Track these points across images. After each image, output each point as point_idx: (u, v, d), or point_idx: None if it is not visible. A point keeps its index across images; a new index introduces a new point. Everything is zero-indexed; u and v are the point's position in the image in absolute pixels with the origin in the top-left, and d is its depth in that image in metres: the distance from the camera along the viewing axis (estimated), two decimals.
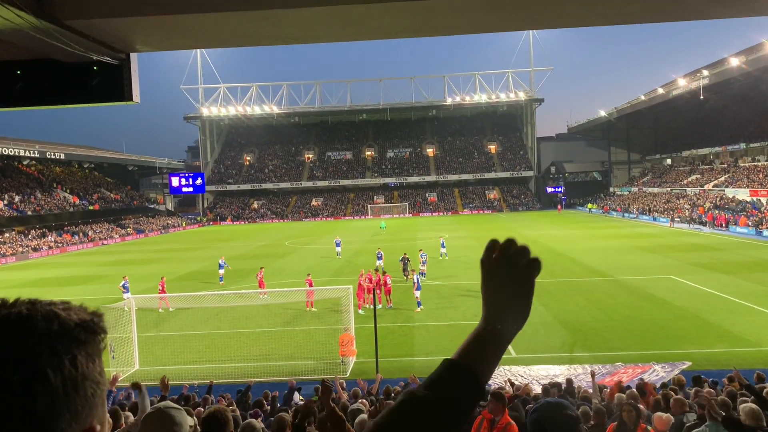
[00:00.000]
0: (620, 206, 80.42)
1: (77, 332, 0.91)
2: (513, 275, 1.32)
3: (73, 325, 0.91)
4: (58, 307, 0.93)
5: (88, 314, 0.96)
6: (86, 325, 0.93)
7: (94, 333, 0.94)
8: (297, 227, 79.31)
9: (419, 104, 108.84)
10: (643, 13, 5.50)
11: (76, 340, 0.90)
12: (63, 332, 0.90)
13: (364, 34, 5.54)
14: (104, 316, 0.99)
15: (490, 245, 1.38)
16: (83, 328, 0.92)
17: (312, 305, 24.31)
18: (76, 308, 0.96)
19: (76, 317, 0.93)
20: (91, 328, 0.94)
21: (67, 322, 0.91)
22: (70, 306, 0.96)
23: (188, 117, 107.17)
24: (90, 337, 0.93)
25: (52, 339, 0.88)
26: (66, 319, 0.91)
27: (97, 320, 0.96)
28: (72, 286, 33.82)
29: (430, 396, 1.20)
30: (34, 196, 73.71)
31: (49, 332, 0.88)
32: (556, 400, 2.94)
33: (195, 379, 15.86)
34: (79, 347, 0.90)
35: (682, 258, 35.15)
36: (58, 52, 4.95)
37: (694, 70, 68.57)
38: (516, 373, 15.66)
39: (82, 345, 0.91)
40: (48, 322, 0.89)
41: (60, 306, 0.94)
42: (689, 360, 15.98)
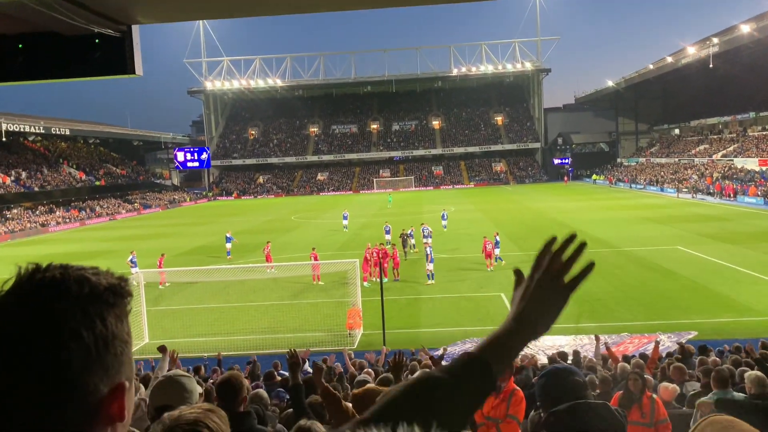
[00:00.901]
0: (627, 177, 79.99)
1: (106, 295, 0.97)
2: (557, 288, 1.39)
3: (103, 288, 0.97)
4: (88, 272, 1.00)
5: (116, 279, 1.02)
6: (114, 288, 0.99)
7: (122, 296, 1.00)
8: (303, 201, 79.40)
9: (424, 75, 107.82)
10: None
11: (105, 302, 0.96)
12: (94, 295, 0.96)
13: (368, 2, 5.46)
14: (127, 281, 1.04)
15: (544, 251, 1.45)
16: (112, 292, 0.98)
17: (318, 279, 24.44)
18: (104, 273, 1.02)
19: (105, 281, 0.99)
20: (118, 291, 1.00)
21: (97, 286, 0.97)
22: (98, 271, 1.02)
23: (192, 91, 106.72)
24: (118, 300, 0.99)
25: (84, 301, 0.94)
26: (96, 282, 0.97)
27: (124, 284, 1.02)
28: (80, 261, 33.34)
29: (447, 379, 1.24)
30: (41, 172, 73.95)
31: (81, 294, 0.95)
32: (563, 366, 2.96)
33: (204, 351, 16.06)
34: (108, 308, 0.96)
35: (690, 228, 35.05)
36: (60, 24, 4.90)
37: (704, 38, 67.49)
38: None
39: (111, 307, 0.97)
40: (80, 286, 0.95)
41: (90, 270, 1.01)
42: (696, 330, 16.03)
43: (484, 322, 18.12)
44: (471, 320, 18.47)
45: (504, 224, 39.98)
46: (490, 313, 19.27)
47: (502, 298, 20.67)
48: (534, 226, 39.06)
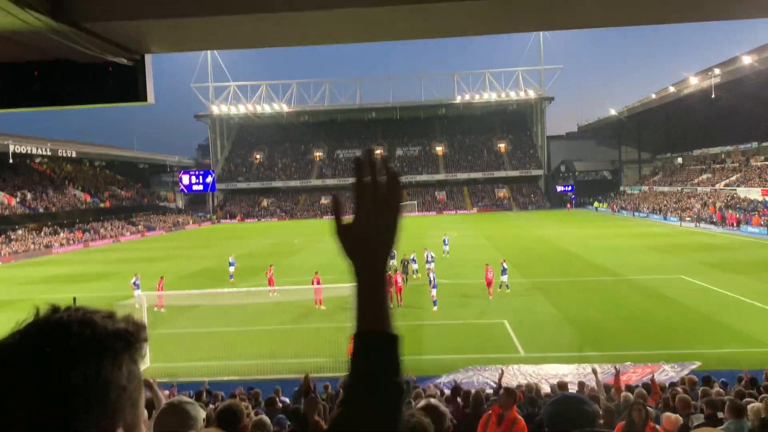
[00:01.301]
0: (630, 205, 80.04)
1: (108, 341, 0.97)
2: (384, 213, 1.33)
3: (106, 334, 0.97)
4: (98, 316, 1.00)
5: (125, 324, 1.01)
6: (121, 334, 0.99)
7: (128, 342, 0.99)
8: (306, 225, 79.48)
9: (428, 102, 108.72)
10: (656, 14, 5.51)
11: (105, 347, 0.96)
12: (94, 339, 0.95)
13: (374, 36, 5.60)
14: (144, 328, 1.04)
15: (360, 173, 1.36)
16: (116, 337, 0.98)
17: (321, 303, 24.40)
18: (117, 318, 1.02)
19: (112, 327, 0.99)
20: (124, 337, 0.99)
21: (101, 331, 0.97)
22: (112, 315, 1.02)
23: (199, 115, 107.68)
24: (121, 346, 0.98)
25: (81, 345, 0.94)
26: (101, 327, 0.97)
27: (133, 330, 1.01)
28: (83, 283, 34.12)
29: (355, 383, 1.23)
30: (46, 194, 74.34)
31: (81, 338, 0.94)
32: (573, 394, 2.98)
33: (206, 376, 15.99)
34: (107, 354, 0.96)
35: (693, 257, 34.97)
36: (75, 53, 5.03)
37: (706, 68, 68.07)
38: (525, 372, 15.69)
39: (111, 352, 0.96)
40: (82, 329, 0.96)
41: (101, 314, 1.01)
42: (700, 360, 15.93)
43: (486, 350, 18.04)
44: (474, 347, 18.39)
45: (507, 251, 39.93)
46: (493, 340, 19.18)
47: (505, 325, 20.60)
48: (537, 253, 39.04)
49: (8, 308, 26.17)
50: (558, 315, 22.00)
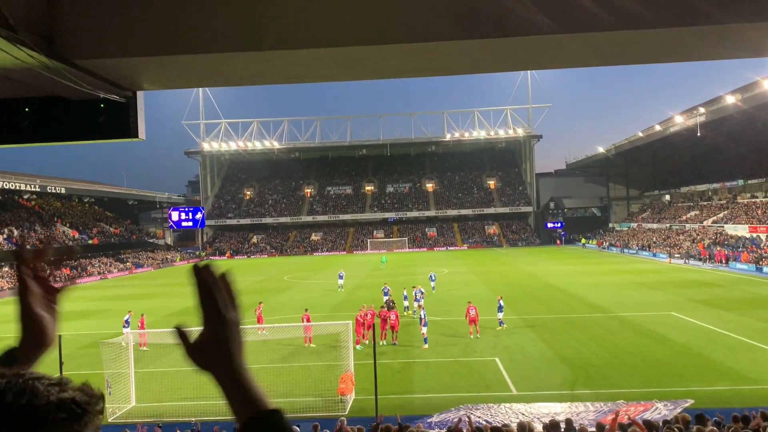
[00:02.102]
0: (620, 242, 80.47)
1: (48, 413, 0.89)
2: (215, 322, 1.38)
3: (46, 404, 0.89)
4: (43, 383, 0.92)
5: (76, 393, 0.94)
6: (64, 405, 0.91)
7: (73, 414, 0.91)
8: (296, 262, 79.16)
9: (419, 140, 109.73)
10: (643, 55, 5.63)
11: (41, 420, 0.88)
12: (30, 411, 0.88)
13: (365, 74, 5.67)
14: (97, 400, 0.96)
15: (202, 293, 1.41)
16: (58, 409, 0.90)
17: (310, 341, 24.13)
18: (68, 386, 0.94)
19: (55, 396, 0.91)
20: (68, 409, 0.91)
21: (41, 401, 0.89)
22: (62, 383, 0.94)
23: (189, 152, 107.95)
24: (62, 418, 0.90)
25: (11, 417, 0.87)
26: (43, 396, 0.90)
27: (82, 400, 0.93)
28: (69, 321, 33.60)
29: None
30: (34, 230, 73.72)
31: (13, 409, 0.87)
32: None
33: (192, 416, 15.68)
34: (43, 426, 0.88)
35: (683, 294, 35.04)
36: (66, 89, 5.06)
37: (691, 107, 69.38)
38: (517, 410, 15.49)
39: (48, 426, 0.88)
40: (17, 397, 0.88)
41: (47, 382, 0.93)
42: (692, 397, 15.80)
43: (477, 388, 17.84)
44: (465, 385, 18.18)
45: (497, 287, 39.87)
46: (484, 377, 18.98)
47: (497, 363, 20.42)
48: (528, 290, 38.99)
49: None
50: (549, 352, 21.85)
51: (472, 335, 24.53)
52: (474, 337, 24.42)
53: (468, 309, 24.83)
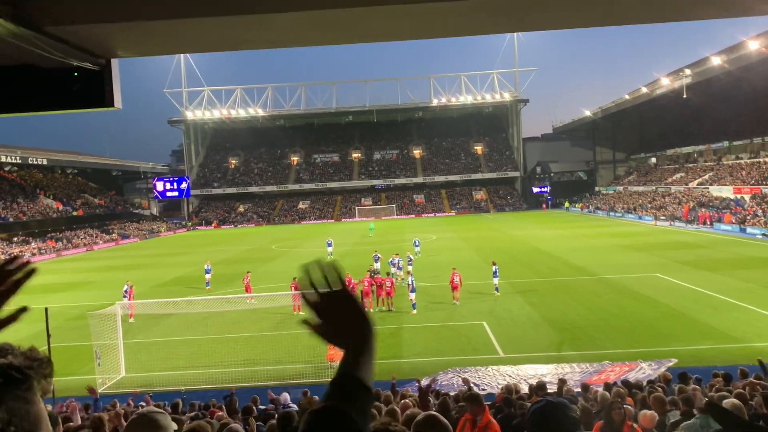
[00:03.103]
0: (606, 205, 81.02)
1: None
2: (338, 302, 1.49)
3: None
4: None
5: (15, 359, 0.96)
6: (0, 371, 0.93)
7: (8, 378, 0.93)
8: (284, 230, 79.07)
9: (405, 106, 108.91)
10: (630, 15, 5.53)
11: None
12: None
13: (347, 38, 5.54)
14: (41, 364, 0.97)
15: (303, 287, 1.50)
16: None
17: (299, 309, 24.20)
18: (6, 353, 0.96)
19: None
20: (5, 374, 0.93)
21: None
22: (1, 350, 0.96)
23: (172, 121, 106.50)
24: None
25: None
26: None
27: (21, 365, 0.95)
28: (56, 293, 33.44)
29: (332, 405, 1.32)
30: (17, 203, 72.86)
31: None
32: (557, 400, 2.95)
33: (182, 384, 15.77)
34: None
35: (668, 256, 35.47)
36: (38, 58, 4.90)
37: (677, 69, 69.25)
38: (504, 372, 15.72)
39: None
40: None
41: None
42: (676, 357, 16.12)
43: (465, 351, 18.06)
44: (453, 349, 18.40)
45: (485, 252, 40.13)
46: (472, 341, 19.21)
47: (484, 327, 20.65)
48: (514, 254, 39.27)
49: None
50: (536, 315, 22.12)
51: (455, 301, 24.55)
52: (454, 303, 24.46)
53: (453, 275, 24.81)
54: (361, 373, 1.41)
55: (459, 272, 25.04)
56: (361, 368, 1.42)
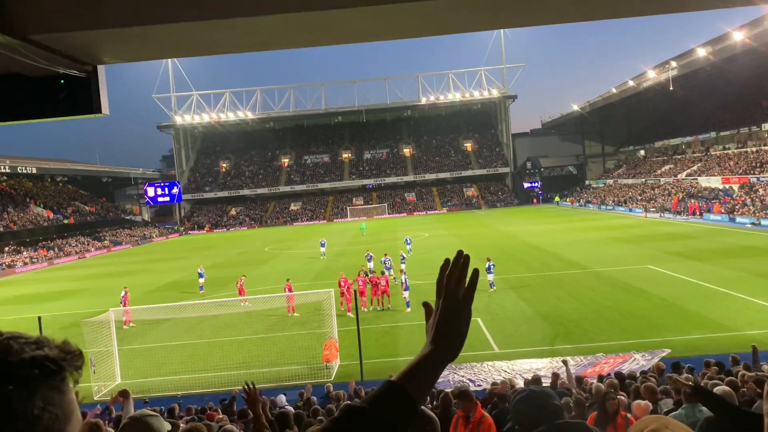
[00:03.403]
0: (596, 198, 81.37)
1: (21, 369, 0.92)
2: (458, 304, 1.50)
3: (19, 361, 0.92)
4: (19, 342, 0.95)
5: (52, 351, 0.96)
6: (37, 361, 0.93)
7: (46, 370, 0.94)
8: (276, 232, 78.95)
9: (394, 105, 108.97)
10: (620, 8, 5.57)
11: (12, 375, 0.91)
12: (8, 366, 0.91)
13: (332, 39, 5.57)
14: (74, 356, 0.99)
15: (442, 273, 1.54)
16: (32, 365, 0.93)
17: (293, 310, 24.23)
18: (46, 344, 0.96)
19: (29, 354, 0.93)
20: (41, 364, 0.93)
21: (14, 358, 0.92)
22: (40, 341, 0.96)
23: (161, 126, 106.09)
24: (35, 374, 0.92)
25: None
26: (16, 353, 0.92)
27: (56, 357, 0.96)
28: (49, 302, 33.30)
29: (368, 410, 1.31)
30: (7, 212, 72.38)
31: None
32: (539, 389, 2.99)
33: (178, 389, 15.75)
34: (14, 382, 0.90)
35: (658, 247, 35.69)
36: (23, 67, 4.90)
37: (663, 61, 69.62)
38: (499, 368, 15.80)
39: (21, 381, 0.91)
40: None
41: (24, 340, 0.95)
42: (668, 347, 16.25)
43: None
44: None
45: (477, 248, 40.24)
46: (467, 338, 19.24)
47: (479, 323, 20.72)
48: (506, 250, 39.40)
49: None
50: (529, 310, 22.22)
51: None
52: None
53: None
54: (422, 387, 1.40)
55: None
56: (425, 381, 1.41)
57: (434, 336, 1.47)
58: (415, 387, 1.37)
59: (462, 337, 1.48)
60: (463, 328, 1.49)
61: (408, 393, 1.35)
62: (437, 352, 1.45)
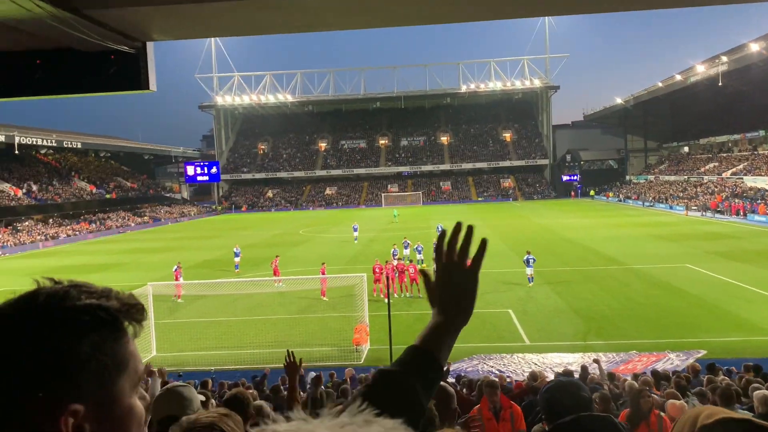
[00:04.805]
0: (636, 194, 79.76)
1: (69, 313, 0.93)
2: (464, 272, 1.49)
3: (70, 306, 0.94)
4: (79, 289, 0.97)
5: (106, 302, 0.97)
6: (89, 309, 0.95)
7: (95, 319, 0.95)
8: (311, 216, 79.60)
9: (433, 92, 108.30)
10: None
11: (61, 321, 0.92)
12: (53, 311, 0.92)
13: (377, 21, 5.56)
14: (134, 309, 1.00)
15: (440, 241, 1.54)
16: (83, 312, 0.94)
17: (324, 294, 24.37)
18: (100, 294, 0.98)
19: (83, 302, 0.95)
20: (93, 313, 0.95)
21: (65, 303, 0.94)
22: (100, 291, 0.98)
23: (203, 106, 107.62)
24: (83, 319, 0.94)
25: (37, 315, 0.92)
26: (69, 300, 0.95)
27: (111, 307, 0.97)
28: (90, 274, 34.26)
29: (400, 373, 1.36)
30: (52, 185, 74.59)
31: (39, 309, 0.92)
32: (569, 380, 2.97)
33: (212, 365, 16.09)
34: (64, 329, 0.92)
35: (699, 246, 34.85)
36: (76, 41, 5.01)
37: (713, 56, 67.54)
38: (530, 360, 15.70)
39: (69, 325, 0.92)
40: (48, 299, 0.94)
41: (84, 289, 0.98)
42: (705, 348, 15.90)
43: (490, 339, 18.07)
44: (478, 336, 18.40)
45: (512, 240, 39.92)
46: (497, 329, 19.20)
47: (510, 315, 20.61)
48: (542, 243, 38.95)
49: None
50: (563, 304, 21.99)
51: None
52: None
53: None
54: (442, 352, 1.43)
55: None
56: (444, 346, 1.44)
57: (442, 306, 1.49)
58: (437, 352, 1.42)
59: (471, 305, 1.49)
60: (471, 297, 1.49)
61: (435, 356, 1.40)
62: (450, 320, 1.47)
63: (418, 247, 31.22)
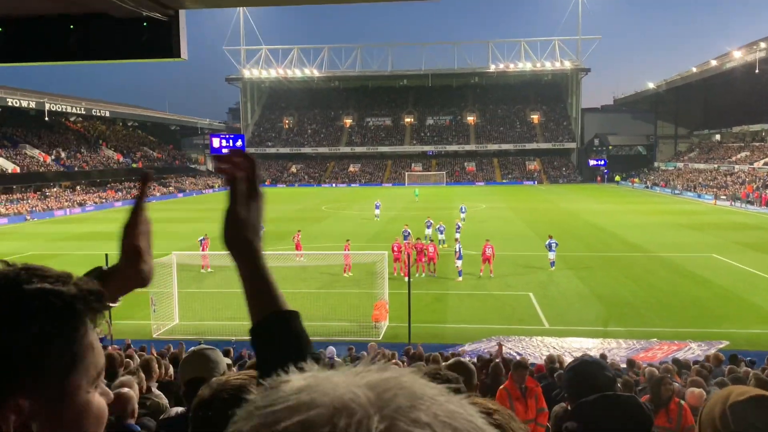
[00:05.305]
0: (664, 181, 78.47)
1: (17, 299, 0.87)
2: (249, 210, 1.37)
3: (18, 291, 0.88)
4: (30, 272, 0.91)
5: (60, 287, 0.91)
6: (40, 294, 0.89)
7: (47, 305, 0.88)
8: (334, 192, 79.79)
9: (461, 71, 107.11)
10: None
11: (8, 304, 0.87)
12: (7, 295, 0.87)
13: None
14: (91, 296, 0.93)
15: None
16: (33, 297, 0.88)
17: (349, 269, 24.47)
18: (55, 279, 0.91)
19: (34, 286, 0.89)
20: (44, 299, 0.88)
21: (14, 289, 0.88)
22: (55, 276, 0.92)
23: (230, 78, 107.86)
24: (32, 305, 0.87)
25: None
26: (17, 284, 0.88)
27: (66, 292, 0.90)
28: (115, 241, 34.78)
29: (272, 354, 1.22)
30: (80, 153, 75.67)
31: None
32: (592, 359, 2.95)
33: (233, 335, 16.31)
34: (13, 316, 0.86)
35: (726, 236, 34.25)
36: (111, 6, 5.03)
37: (751, 42, 65.73)
38: (548, 343, 15.67)
39: (15, 312, 0.86)
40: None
41: (38, 272, 0.91)
42: (727, 339, 15.70)
43: (510, 321, 18.05)
44: (497, 318, 18.41)
45: (535, 224, 39.66)
46: (517, 311, 19.17)
47: (530, 298, 20.54)
48: (566, 228, 38.57)
49: (42, 263, 26.87)
50: (585, 289, 21.84)
51: (482, 273, 23.88)
52: (485, 275, 23.82)
53: (484, 247, 24.09)
54: (281, 299, 1.31)
55: (493, 244, 24.20)
56: (269, 292, 1.30)
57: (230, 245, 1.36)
58: (274, 304, 1.30)
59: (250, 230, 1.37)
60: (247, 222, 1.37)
61: (275, 317, 1.28)
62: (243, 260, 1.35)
63: (440, 227, 31.10)
